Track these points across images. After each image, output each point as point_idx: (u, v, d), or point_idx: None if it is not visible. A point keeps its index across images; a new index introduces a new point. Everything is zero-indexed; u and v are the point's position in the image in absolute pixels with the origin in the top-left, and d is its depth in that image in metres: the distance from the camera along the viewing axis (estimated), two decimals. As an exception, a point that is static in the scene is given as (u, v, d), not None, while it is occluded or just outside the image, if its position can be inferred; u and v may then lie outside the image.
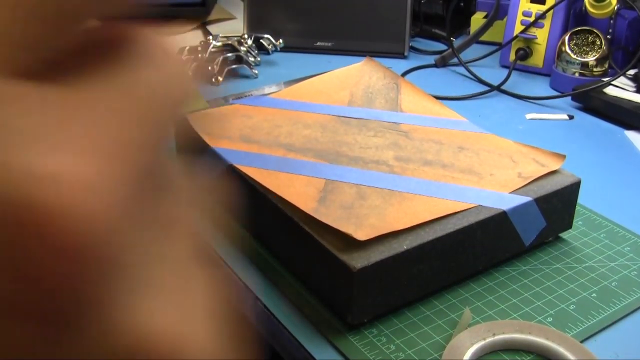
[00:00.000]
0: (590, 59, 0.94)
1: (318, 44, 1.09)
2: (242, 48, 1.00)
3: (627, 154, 0.80)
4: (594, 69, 0.94)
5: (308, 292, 0.55)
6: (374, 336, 0.50)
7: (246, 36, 1.03)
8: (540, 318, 0.52)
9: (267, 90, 0.91)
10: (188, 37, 1.07)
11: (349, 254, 0.49)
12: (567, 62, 0.95)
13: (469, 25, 1.14)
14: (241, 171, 0.58)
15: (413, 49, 1.12)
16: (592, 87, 0.90)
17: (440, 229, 0.52)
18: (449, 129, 0.66)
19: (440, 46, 1.13)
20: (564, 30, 0.99)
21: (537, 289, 0.56)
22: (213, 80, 0.95)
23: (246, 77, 0.99)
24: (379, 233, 0.50)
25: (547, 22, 0.99)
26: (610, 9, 0.92)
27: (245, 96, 0.89)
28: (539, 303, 0.54)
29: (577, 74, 0.94)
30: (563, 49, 0.95)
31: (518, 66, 1.02)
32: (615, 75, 0.90)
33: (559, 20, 0.99)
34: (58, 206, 0.11)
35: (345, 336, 0.50)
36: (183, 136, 0.56)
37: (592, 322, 0.52)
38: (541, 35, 1.00)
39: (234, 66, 0.98)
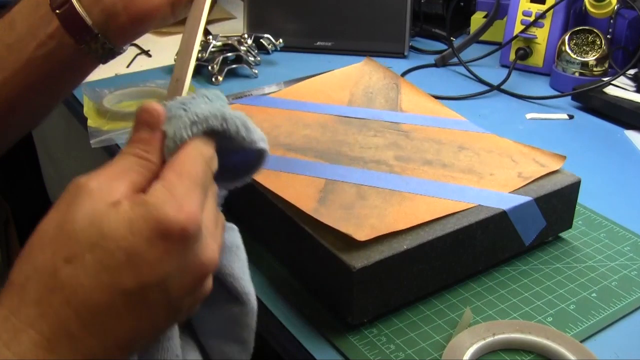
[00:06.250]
0: (590, 58, 0.94)
1: (318, 44, 1.09)
2: (242, 48, 1.00)
3: (627, 154, 0.80)
4: (594, 69, 0.94)
5: (308, 292, 0.55)
6: (374, 336, 0.50)
7: (246, 36, 1.03)
8: (540, 318, 0.52)
9: (266, 90, 0.91)
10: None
11: (349, 253, 0.49)
12: (567, 61, 0.95)
13: (469, 25, 1.14)
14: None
15: (413, 48, 1.12)
16: (592, 87, 0.90)
17: (440, 229, 0.52)
18: (449, 129, 0.66)
19: (440, 46, 1.13)
20: (564, 30, 0.99)
21: (537, 288, 0.56)
22: (213, 79, 0.95)
23: (246, 76, 0.99)
24: (379, 233, 0.50)
25: (547, 22, 0.99)
26: (610, 8, 0.92)
27: (245, 96, 0.89)
28: (539, 303, 0.54)
29: (577, 74, 0.94)
30: (563, 48, 0.95)
31: (518, 66, 1.02)
32: (615, 75, 0.90)
33: (559, 20, 0.99)
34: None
35: (345, 336, 0.50)
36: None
37: (592, 322, 0.52)
38: (541, 35, 1.00)
39: (233, 66, 0.98)
